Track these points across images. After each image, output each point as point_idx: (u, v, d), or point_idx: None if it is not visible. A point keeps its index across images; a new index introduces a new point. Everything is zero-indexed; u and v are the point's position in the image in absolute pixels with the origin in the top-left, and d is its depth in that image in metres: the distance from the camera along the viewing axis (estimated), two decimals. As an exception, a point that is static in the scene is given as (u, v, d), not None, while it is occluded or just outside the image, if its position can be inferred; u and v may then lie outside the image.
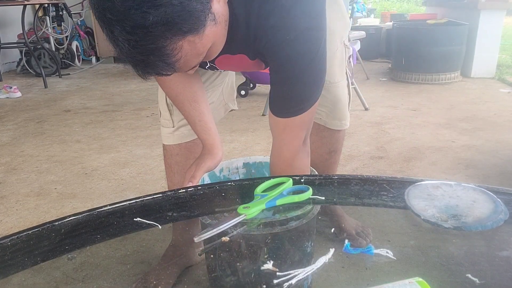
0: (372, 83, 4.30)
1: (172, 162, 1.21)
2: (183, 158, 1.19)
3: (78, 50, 5.70)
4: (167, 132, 1.18)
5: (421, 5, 9.10)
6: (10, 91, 4.05)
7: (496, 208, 0.63)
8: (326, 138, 1.24)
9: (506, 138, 2.61)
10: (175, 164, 1.21)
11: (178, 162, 1.20)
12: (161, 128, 1.20)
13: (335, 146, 1.27)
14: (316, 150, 1.25)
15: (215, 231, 0.61)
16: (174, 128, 1.17)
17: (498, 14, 4.16)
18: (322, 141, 1.24)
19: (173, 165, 1.21)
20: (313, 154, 1.27)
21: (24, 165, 2.43)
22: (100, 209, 0.70)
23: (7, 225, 1.78)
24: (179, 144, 1.18)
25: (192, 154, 1.17)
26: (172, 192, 0.76)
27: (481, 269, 0.54)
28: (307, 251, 0.66)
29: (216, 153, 1.00)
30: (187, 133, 1.16)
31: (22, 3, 4.24)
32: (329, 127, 1.22)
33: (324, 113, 1.20)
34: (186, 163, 1.17)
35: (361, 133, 2.78)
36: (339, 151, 1.30)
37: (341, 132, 1.26)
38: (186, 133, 1.17)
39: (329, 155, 1.27)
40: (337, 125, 1.23)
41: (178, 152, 1.19)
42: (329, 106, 1.19)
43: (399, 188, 0.73)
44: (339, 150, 1.30)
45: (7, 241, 0.62)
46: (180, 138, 1.18)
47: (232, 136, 2.75)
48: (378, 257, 0.57)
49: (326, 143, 1.25)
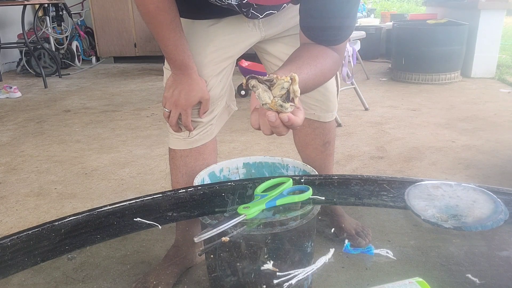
0: (372, 83, 4.30)
1: (181, 163, 1.18)
2: (192, 160, 1.17)
3: (78, 50, 5.70)
4: (176, 137, 1.16)
5: (421, 5, 9.10)
6: (10, 91, 4.05)
7: (496, 208, 0.63)
8: (319, 129, 1.24)
9: (506, 138, 2.61)
10: (183, 165, 1.18)
11: (187, 163, 1.18)
12: (169, 134, 1.18)
13: (329, 137, 1.27)
14: (311, 143, 1.26)
15: (215, 231, 0.61)
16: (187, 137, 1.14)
17: (498, 14, 4.16)
18: (315, 133, 1.25)
19: (181, 167, 1.18)
20: (309, 148, 1.28)
21: (24, 165, 2.43)
22: (100, 209, 0.70)
23: (7, 225, 1.78)
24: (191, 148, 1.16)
25: (202, 156, 1.16)
26: (172, 192, 0.76)
27: (481, 269, 0.54)
28: (307, 251, 0.66)
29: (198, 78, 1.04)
30: (198, 138, 1.15)
31: (22, 3, 4.24)
32: (322, 120, 1.23)
33: (318, 108, 1.21)
34: (195, 164, 1.16)
35: (361, 133, 2.78)
36: (333, 142, 1.31)
37: (331, 122, 1.27)
38: (198, 139, 1.15)
39: (324, 147, 1.28)
40: (329, 117, 1.24)
41: (189, 154, 1.17)
42: (321, 100, 1.19)
43: (399, 188, 0.73)
44: (332, 140, 1.30)
45: (7, 241, 0.62)
46: (191, 143, 1.15)
47: (232, 136, 2.75)
48: (378, 257, 0.57)
49: (319, 134, 1.25)
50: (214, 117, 1.16)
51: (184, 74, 1.05)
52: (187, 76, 1.05)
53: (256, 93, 0.62)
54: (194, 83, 1.06)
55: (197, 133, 1.13)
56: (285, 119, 0.63)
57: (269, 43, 1.17)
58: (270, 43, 1.17)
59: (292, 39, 1.11)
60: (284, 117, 0.63)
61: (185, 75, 1.05)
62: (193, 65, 1.04)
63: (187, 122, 1.09)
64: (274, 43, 1.17)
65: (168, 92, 1.08)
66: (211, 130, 1.17)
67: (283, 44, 1.15)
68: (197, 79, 1.06)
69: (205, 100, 1.09)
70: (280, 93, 0.62)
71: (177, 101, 1.07)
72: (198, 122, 1.12)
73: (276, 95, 0.62)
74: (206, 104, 1.10)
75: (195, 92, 1.06)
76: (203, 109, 1.10)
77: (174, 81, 1.07)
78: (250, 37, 1.11)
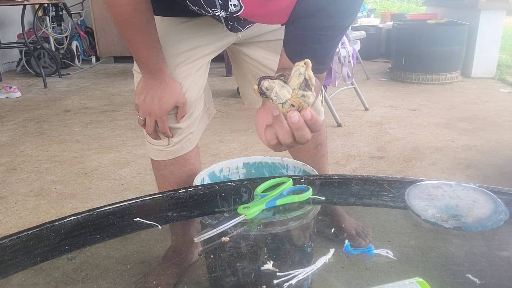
0: (372, 83, 4.30)
1: (167, 172, 1.13)
2: (178, 167, 1.12)
3: (78, 50, 5.70)
4: (156, 149, 1.10)
5: (421, 5, 9.10)
6: (10, 91, 4.05)
7: (496, 208, 0.63)
8: None
9: (506, 138, 2.61)
10: (170, 174, 1.13)
11: (174, 171, 1.13)
12: (148, 144, 1.12)
13: (320, 139, 1.26)
14: (303, 147, 1.22)
15: (215, 231, 0.61)
16: (166, 145, 1.08)
17: (498, 14, 4.16)
18: None
19: (168, 176, 1.13)
20: (301, 152, 1.26)
21: (24, 165, 2.43)
22: (100, 209, 0.70)
23: (7, 225, 1.78)
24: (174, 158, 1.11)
25: (187, 162, 1.13)
26: (172, 192, 0.76)
27: (481, 269, 0.54)
28: (307, 251, 0.66)
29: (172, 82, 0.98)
30: (181, 147, 1.09)
31: (22, 3, 4.24)
32: None
33: None
34: (181, 171, 1.12)
35: (361, 133, 2.78)
36: (325, 144, 1.29)
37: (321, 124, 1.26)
38: (180, 148, 1.09)
39: (316, 149, 1.26)
40: None
41: (173, 162, 1.11)
42: None
43: (399, 188, 0.73)
44: (324, 142, 1.28)
45: (7, 241, 0.62)
46: (173, 153, 1.10)
47: (232, 136, 2.75)
48: (378, 257, 0.57)
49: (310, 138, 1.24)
50: (194, 122, 1.10)
51: (156, 79, 0.97)
52: (159, 81, 0.97)
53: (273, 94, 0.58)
54: (167, 87, 0.98)
55: (178, 140, 1.08)
56: (308, 116, 0.59)
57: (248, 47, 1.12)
58: (250, 47, 1.12)
59: (273, 44, 1.07)
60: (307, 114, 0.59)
61: (157, 79, 0.97)
62: (166, 68, 0.97)
63: (165, 129, 1.03)
64: (253, 47, 1.11)
65: (139, 98, 1.00)
66: (193, 137, 1.12)
67: (262, 49, 1.10)
68: (170, 83, 0.99)
69: (182, 104, 1.02)
70: (298, 81, 0.58)
71: (150, 109, 0.99)
72: (177, 128, 1.06)
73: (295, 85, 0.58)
74: (183, 108, 1.03)
75: (168, 97, 0.99)
76: (181, 113, 1.03)
77: (145, 86, 0.99)
78: (224, 37, 1.05)
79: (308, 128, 0.62)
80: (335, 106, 3.01)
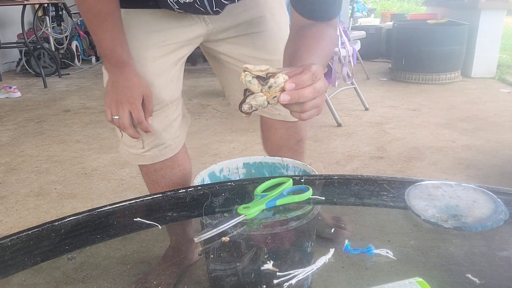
0: (372, 83, 4.30)
1: (158, 177, 1.11)
2: (168, 170, 1.11)
3: (77, 50, 5.71)
4: (134, 153, 1.08)
5: (421, 5, 9.10)
6: (9, 91, 4.05)
7: (496, 208, 0.63)
8: (292, 128, 1.22)
9: (506, 138, 2.61)
10: (161, 178, 1.11)
11: (164, 175, 1.11)
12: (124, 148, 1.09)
13: (301, 135, 1.26)
14: (285, 144, 1.24)
15: (215, 231, 0.61)
16: (144, 149, 1.06)
17: (498, 14, 4.16)
18: (288, 133, 1.22)
19: (159, 180, 1.12)
20: (283, 149, 1.26)
21: (24, 165, 2.43)
22: (100, 209, 0.70)
23: (7, 225, 1.78)
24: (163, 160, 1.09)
25: (176, 163, 1.12)
26: (172, 192, 0.76)
27: (481, 269, 0.54)
28: (307, 251, 0.66)
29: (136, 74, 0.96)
30: (159, 154, 1.07)
31: (22, 3, 4.24)
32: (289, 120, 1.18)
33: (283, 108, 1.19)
34: (172, 173, 1.11)
35: (361, 133, 2.78)
36: (305, 139, 1.29)
37: None
38: (158, 154, 1.07)
39: (297, 145, 1.26)
40: None
41: (162, 166, 1.10)
42: None
43: (399, 188, 0.73)
44: (305, 138, 1.29)
45: (7, 241, 0.62)
46: (152, 158, 1.08)
47: (232, 136, 2.75)
48: (378, 257, 0.57)
49: (292, 133, 1.23)
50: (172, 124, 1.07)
51: (122, 73, 0.95)
52: (124, 75, 0.95)
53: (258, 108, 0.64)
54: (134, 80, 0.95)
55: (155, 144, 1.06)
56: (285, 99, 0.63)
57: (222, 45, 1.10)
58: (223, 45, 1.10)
59: (248, 39, 1.07)
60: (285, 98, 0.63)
61: (122, 73, 0.95)
62: (131, 62, 0.95)
63: (140, 117, 0.96)
64: (227, 44, 1.09)
65: (107, 97, 0.98)
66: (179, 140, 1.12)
67: (237, 44, 1.08)
68: (137, 76, 0.96)
69: (147, 97, 0.97)
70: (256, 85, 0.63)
71: (119, 99, 0.95)
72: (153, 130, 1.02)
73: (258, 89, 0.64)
74: (149, 102, 0.97)
75: (136, 87, 0.95)
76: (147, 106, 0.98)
77: (112, 84, 0.97)
78: (195, 29, 1.02)
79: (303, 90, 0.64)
80: (335, 106, 3.01)
